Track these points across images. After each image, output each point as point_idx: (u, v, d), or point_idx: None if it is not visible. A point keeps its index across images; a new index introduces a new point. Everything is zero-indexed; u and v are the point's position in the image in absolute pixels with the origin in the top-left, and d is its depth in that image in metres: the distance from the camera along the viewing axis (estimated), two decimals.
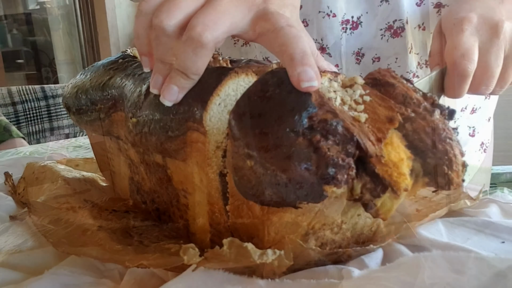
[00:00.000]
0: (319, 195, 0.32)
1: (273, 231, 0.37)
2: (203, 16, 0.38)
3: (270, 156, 0.32)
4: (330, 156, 0.31)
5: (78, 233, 0.44)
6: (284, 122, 0.33)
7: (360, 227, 0.42)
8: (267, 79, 0.36)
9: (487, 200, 0.50)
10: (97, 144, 0.60)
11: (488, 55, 0.54)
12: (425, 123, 0.35)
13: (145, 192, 0.52)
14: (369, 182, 0.33)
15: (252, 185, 0.33)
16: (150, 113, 0.43)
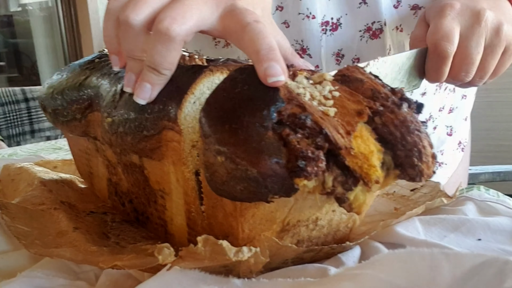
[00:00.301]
0: (290, 188, 0.32)
1: (247, 228, 0.37)
2: (170, 10, 0.38)
3: (240, 151, 0.32)
4: (299, 149, 0.32)
5: (52, 235, 0.43)
6: (253, 117, 0.33)
7: (336, 223, 0.42)
8: (235, 76, 0.36)
9: (464, 198, 0.50)
10: (74, 145, 0.60)
11: (469, 41, 0.55)
12: (394, 116, 0.35)
13: (123, 193, 0.52)
14: (340, 175, 0.33)
15: (224, 180, 0.33)
16: (125, 113, 0.42)
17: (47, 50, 3.62)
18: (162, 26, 0.37)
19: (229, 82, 0.36)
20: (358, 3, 0.70)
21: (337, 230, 0.43)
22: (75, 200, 0.55)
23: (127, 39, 0.40)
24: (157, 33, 0.37)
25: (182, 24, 0.37)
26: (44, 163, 0.67)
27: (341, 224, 0.43)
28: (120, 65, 0.42)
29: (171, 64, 0.39)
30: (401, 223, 0.44)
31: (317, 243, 0.42)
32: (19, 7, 3.75)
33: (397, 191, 0.55)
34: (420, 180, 0.36)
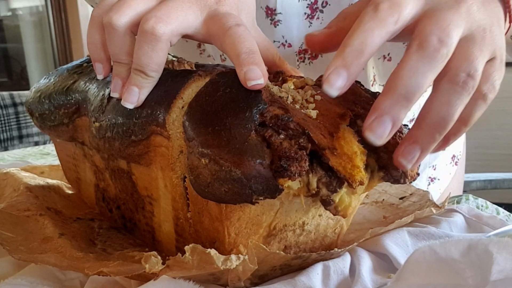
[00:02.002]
0: (275, 189, 0.32)
1: (234, 232, 0.37)
2: (155, 11, 0.38)
3: (224, 152, 0.32)
4: (282, 149, 0.32)
5: (37, 241, 0.43)
6: (236, 119, 0.33)
7: (323, 228, 0.42)
8: (217, 80, 0.36)
9: (453, 210, 0.50)
10: (61, 150, 0.59)
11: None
12: None
13: (111, 199, 0.51)
14: (325, 176, 0.34)
15: (208, 182, 0.33)
16: (113, 117, 0.42)
17: (37, 55, 3.61)
18: (148, 25, 0.37)
19: (211, 85, 0.36)
20: None
21: (324, 235, 0.42)
22: (62, 206, 0.54)
23: (113, 43, 0.40)
24: (142, 33, 0.37)
25: (168, 24, 0.37)
26: (31, 169, 0.66)
27: (328, 230, 0.42)
28: (104, 73, 0.42)
29: (157, 66, 0.39)
30: (390, 235, 0.44)
31: (305, 249, 0.42)
32: (9, 11, 3.73)
33: (386, 199, 0.55)
34: (405, 182, 0.36)
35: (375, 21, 0.32)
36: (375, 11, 0.33)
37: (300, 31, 0.65)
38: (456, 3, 0.34)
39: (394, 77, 0.32)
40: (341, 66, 0.32)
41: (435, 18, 0.33)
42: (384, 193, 0.57)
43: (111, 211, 0.52)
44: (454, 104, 0.33)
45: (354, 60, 0.32)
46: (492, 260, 0.30)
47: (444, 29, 0.32)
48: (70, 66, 0.54)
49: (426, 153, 0.34)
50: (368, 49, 0.32)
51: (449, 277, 0.31)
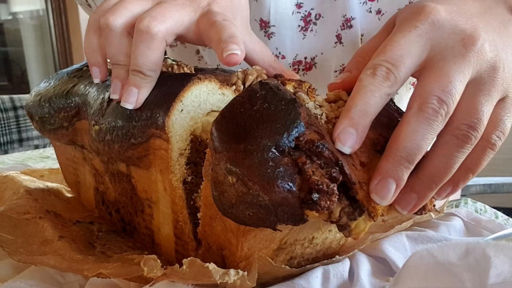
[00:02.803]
0: (300, 218, 0.31)
1: (247, 247, 0.36)
2: (150, 11, 0.39)
3: (254, 174, 0.30)
4: (314, 180, 0.30)
5: (37, 243, 0.43)
6: (271, 140, 0.31)
7: (329, 241, 0.42)
8: (255, 91, 0.34)
9: (452, 214, 0.50)
10: (61, 153, 0.59)
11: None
12: None
13: (110, 202, 0.51)
14: (348, 206, 0.32)
15: (233, 203, 0.31)
16: (112, 120, 0.42)
17: (37, 58, 3.61)
18: (143, 24, 0.38)
19: (248, 96, 0.34)
20: (334, 42, 0.65)
21: (329, 247, 0.43)
22: (61, 210, 0.54)
23: (110, 44, 0.40)
24: (138, 33, 0.38)
25: (162, 23, 0.38)
26: (30, 172, 0.67)
27: (333, 242, 0.43)
28: (100, 77, 0.43)
29: (154, 65, 0.39)
30: (389, 239, 0.44)
31: (308, 258, 0.42)
32: (9, 15, 3.74)
33: None
34: (421, 214, 0.36)
35: (374, 86, 0.33)
36: (372, 77, 0.33)
37: (293, 43, 0.65)
38: (464, 48, 0.33)
39: (395, 139, 0.33)
40: (349, 126, 0.32)
41: (437, 72, 0.33)
42: None
43: (111, 214, 0.52)
44: (453, 157, 0.33)
45: (361, 120, 0.33)
46: (489, 264, 0.30)
47: (445, 87, 0.32)
48: (70, 70, 0.54)
49: (424, 201, 0.34)
50: (371, 110, 0.33)
51: (447, 280, 0.31)
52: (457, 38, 0.34)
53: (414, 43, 0.34)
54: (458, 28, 0.34)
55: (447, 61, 0.33)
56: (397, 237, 0.45)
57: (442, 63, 0.33)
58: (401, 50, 0.33)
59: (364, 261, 0.41)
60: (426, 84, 0.33)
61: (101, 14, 0.41)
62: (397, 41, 0.34)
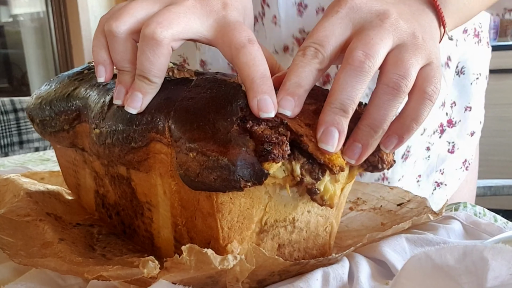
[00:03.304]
0: (261, 173, 0.34)
1: (226, 226, 0.38)
2: (157, 16, 0.39)
3: (209, 144, 0.34)
4: (264, 135, 0.34)
5: (37, 246, 0.43)
6: (219, 114, 0.35)
7: (314, 226, 0.43)
8: (199, 84, 0.39)
9: (450, 217, 0.51)
10: (62, 156, 0.59)
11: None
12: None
13: (110, 205, 0.51)
14: (307, 163, 0.36)
15: (197, 173, 0.34)
16: (113, 124, 0.42)
17: (38, 61, 3.61)
18: (148, 30, 0.38)
19: (194, 88, 0.38)
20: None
21: (316, 234, 0.43)
22: (62, 212, 0.54)
23: (115, 50, 0.40)
24: (143, 38, 0.38)
25: (168, 29, 0.38)
26: (31, 174, 0.67)
27: (319, 228, 0.43)
28: (105, 76, 0.42)
29: (160, 71, 0.39)
30: (388, 242, 0.44)
31: (299, 248, 0.42)
32: (10, 17, 3.74)
33: (383, 206, 0.56)
34: (383, 168, 0.39)
35: (304, 63, 0.38)
36: (303, 56, 0.38)
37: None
38: (380, 21, 0.38)
39: (330, 94, 0.37)
40: (286, 95, 0.37)
41: (360, 36, 0.38)
42: (382, 199, 0.57)
43: (111, 217, 0.52)
44: (387, 105, 0.37)
45: (295, 90, 0.37)
46: (487, 267, 0.30)
47: (367, 43, 0.37)
48: (71, 73, 0.54)
49: (368, 149, 0.38)
50: (304, 81, 0.37)
51: (445, 283, 0.31)
52: (373, 15, 0.39)
53: (337, 25, 0.39)
54: (373, 8, 0.39)
55: (368, 29, 0.38)
56: (397, 239, 0.45)
57: (364, 31, 0.38)
58: (326, 31, 0.38)
59: (364, 263, 0.41)
60: (351, 46, 0.37)
61: (108, 17, 0.41)
62: (322, 25, 0.39)
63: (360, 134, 0.38)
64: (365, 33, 0.38)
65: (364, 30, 0.38)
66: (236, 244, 0.38)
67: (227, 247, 0.38)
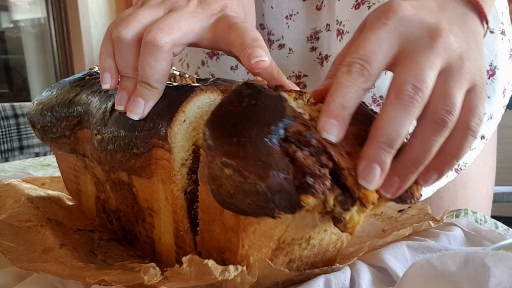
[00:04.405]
0: (296, 205, 0.32)
1: (247, 244, 0.36)
2: (158, 22, 0.39)
3: (249, 164, 0.32)
4: (307, 165, 0.32)
5: (38, 251, 0.43)
6: (262, 132, 0.33)
7: (326, 243, 0.42)
8: (241, 90, 0.36)
9: (452, 224, 0.51)
10: (63, 162, 0.59)
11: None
12: None
13: (111, 211, 0.51)
14: (340, 195, 0.34)
15: (231, 194, 0.33)
16: (115, 130, 0.42)
17: (38, 66, 3.62)
18: (149, 36, 0.38)
19: (235, 96, 0.36)
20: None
21: (326, 250, 0.43)
22: (63, 218, 0.54)
23: (120, 56, 0.40)
24: (145, 44, 0.38)
25: (170, 34, 0.38)
26: (32, 180, 0.67)
27: (330, 245, 0.43)
28: (111, 83, 0.42)
29: (162, 76, 0.39)
30: (390, 248, 0.44)
31: (307, 262, 0.42)
32: (11, 23, 3.76)
33: (384, 212, 0.55)
34: (411, 202, 0.37)
35: (350, 82, 0.35)
36: (348, 73, 0.35)
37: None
38: (432, 40, 0.36)
39: (376, 127, 0.35)
40: (331, 118, 0.35)
41: (409, 63, 0.35)
42: (383, 206, 0.57)
43: (112, 222, 0.52)
44: (431, 140, 0.35)
45: (340, 112, 0.35)
46: (489, 273, 0.30)
47: (418, 75, 0.34)
48: (72, 79, 0.54)
49: (406, 183, 0.36)
50: (349, 104, 0.35)
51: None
52: (424, 32, 0.36)
53: (385, 39, 0.36)
54: (424, 21, 0.36)
55: (417, 52, 0.35)
56: (398, 246, 0.45)
57: (412, 55, 0.35)
58: (373, 46, 0.36)
59: (365, 270, 0.41)
60: (400, 75, 0.35)
61: (115, 24, 0.41)
62: (368, 39, 0.36)
63: (400, 169, 0.35)
64: (414, 60, 0.35)
65: (414, 53, 0.35)
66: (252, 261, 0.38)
67: (242, 264, 0.37)
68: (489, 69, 0.72)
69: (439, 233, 0.48)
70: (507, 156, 2.39)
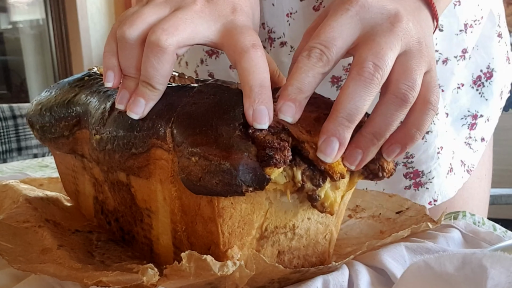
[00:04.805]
0: (262, 178, 0.34)
1: (227, 231, 0.38)
2: (163, 22, 0.38)
3: (212, 148, 0.34)
4: (266, 140, 0.35)
5: (36, 252, 0.43)
6: (221, 119, 0.36)
7: (314, 233, 0.43)
8: (202, 89, 0.39)
9: (450, 226, 0.51)
10: (61, 162, 0.59)
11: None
12: None
13: (109, 212, 0.51)
14: (308, 169, 0.36)
15: (199, 177, 0.34)
16: (114, 130, 0.42)
17: (37, 67, 3.62)
18: (154, 37, 0.38)
19: (197, 94, 0.39)
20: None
21: (316, 241, 0.43)
22: (61, 218, 0.54)
23: (124, 56, 0.40)
24: (149, 45, 0.38)
25: (174, 35, 0.38)
26: (30, 181, 0.67)
27: (319, 235, 0.43)
28: (114, 82, 0.42)
29: (164, 78, 0.39)
30: (388, 250, 0.44)
31: (299, 255, 0.42)
32: (9, 24, 3.76)
33: (382, 213, 0.56)
34: (383, 176, 0.40)
35: (308, 67, 0.37)
36: (308, 58, 0.37)
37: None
38: (391, 25, 0.38)
39: (337, 102, 0.36)
40: (287, 101, 0.36)
41: (370, 44, 0.37)
42: (381, 207, 0.57)
43: (110, 223, 0.52)
44: (392, 114, 0.37)
45: (297, 96, 0.36)
46: (486, 275, 0.30)
47: (377, 54, 0.36)
48: (71, 80, 0.54)
49: (368, 155, 0.38)
50: (306, 87, 0.37)
51: None
52: (384, 17, 0.38)
53: (346, 25, 0.38)
54: (385, 8, 0.38)
55: (378, 35, 0.37)
56: (396, 248, 0.45)
57: (373, 37, 0.37)
58: (333, 32, 0.37)
59: (363, 271, 0.41)
60: (361, 54, 0.37)
61: (120, 23, 0.41)
62: (329, 24, 0.38)
63: (362, 141, 0.37)
64: (375, 41, 0.37)
65: (374, 35, 0.37)
66: (237, 250, 0.38)
67: (228, 253, 0.38)
68: (487, 72, 0.73)
69: (438, 235, 0.49)
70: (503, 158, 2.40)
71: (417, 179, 0.73)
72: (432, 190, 0.73)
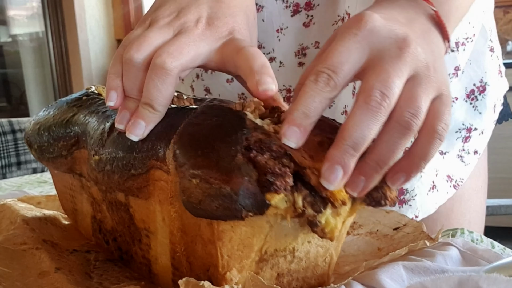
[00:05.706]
0: (262, 204, 0.34)
1: (226, 254, 0.38)
2: (168, 46, 0.39)
3: (213, 171, 0.34)
4: (268, 165, 0.34)
5: (34, 276, 0.43)
6: (223, 142, 0.36)
7: (314, 256, 0.43)
8: (204, 111, 0.40)
9: (448, 244, 0.50)
10: (59, 181, 0.59)
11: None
12: None
13: (107, 231, 0.51)
14: (309, 195, 0.36)
15: (200, 200, 0.35)
16: (113, 151, 0.42)
17: (37, 80, 3.62)
18: (160, 60, 0.39)
19: (200, 115, 0.39)
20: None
21: (315, 264, 0.43)
22: (58, 238, 0.54)
23: (128, 78, 0.41)
24: (153, 67, 0.39)
25: (178, 59, 0.39)
26: (27, 199, 0.67)
27: (318, 258, 0.43)
28: (116, 102, 0.42)
29: (166, 100, 0.40)
30: (386, 269, 0.44)
31: (298, 278, 0.42)
32: (9, 37, 3.77)
33: (380, 230, 0.56)
34: (385, 204, 0.39)
35: (315, 92, 0.36)
36: (315, 83, 0.36)
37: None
38: (400, 50, 0.37)
39: (343, 130, 0.35)
40: (292, 125, 0.36)
41: (378, 70, 0.36)
42: (378, 223, 0.57)
43: (108, 242, 0.52)
44: (396, 143, 0.36)
45: (302, 121, 0.36)
46: None
47: (385, 82, 0.35)
48: (70, 99, 0.54)
49: (372, 183, 0.37)
50: (312, 112, 0.36)
51: None
52: (392, 42, 0.37)
53: (354, 50, 0.37)
54: (393, 32, 0.37)
55: (386, 61, 0.36)
56: (394, 267, 0.45)
57: (381, 63, 0.36)
58: (341, 57, 0.37)
59: None
60: (368, 81, 0.36)
61: (126, 46, 0.42)
62: (337, 49, 0.37)
63: (365, 168, 0.37)
64: (383, 67, 0.36)
65: (382, 61, 0.37)
66: (235, 272, 0.38)
67: (226, 275, 0.38)
68: (480, 85, 0.73)
69: (435, 253, 0.48)
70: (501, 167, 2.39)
71: (401, 196, 0.74)
72: (414, 207, 0.74)
